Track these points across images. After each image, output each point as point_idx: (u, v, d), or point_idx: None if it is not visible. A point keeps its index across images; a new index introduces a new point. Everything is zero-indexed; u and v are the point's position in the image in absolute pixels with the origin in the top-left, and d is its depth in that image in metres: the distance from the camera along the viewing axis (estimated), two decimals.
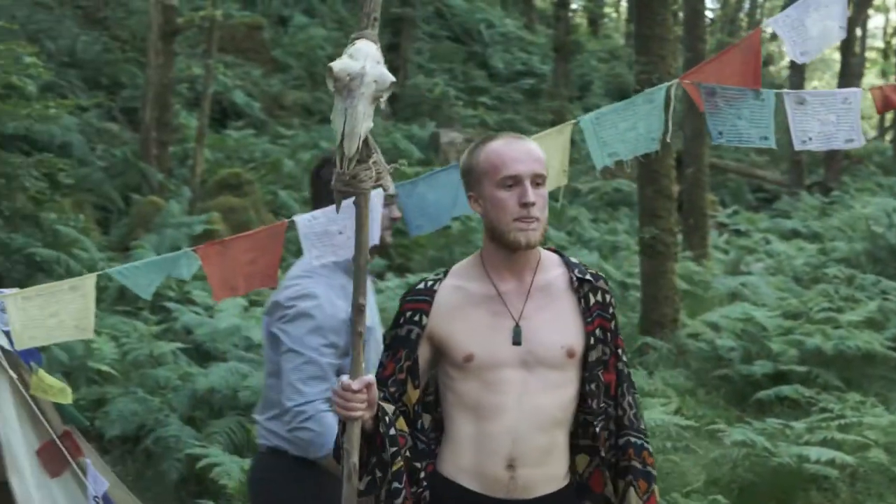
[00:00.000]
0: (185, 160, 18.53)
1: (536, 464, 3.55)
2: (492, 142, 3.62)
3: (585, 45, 37.12)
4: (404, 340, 3.61)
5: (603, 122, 4.77)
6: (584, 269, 3.75)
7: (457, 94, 29.03)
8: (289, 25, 27.96)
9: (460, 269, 3.73)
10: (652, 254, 11.70)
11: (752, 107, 4.77)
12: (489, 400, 3.55)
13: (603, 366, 3.67)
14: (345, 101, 3.26)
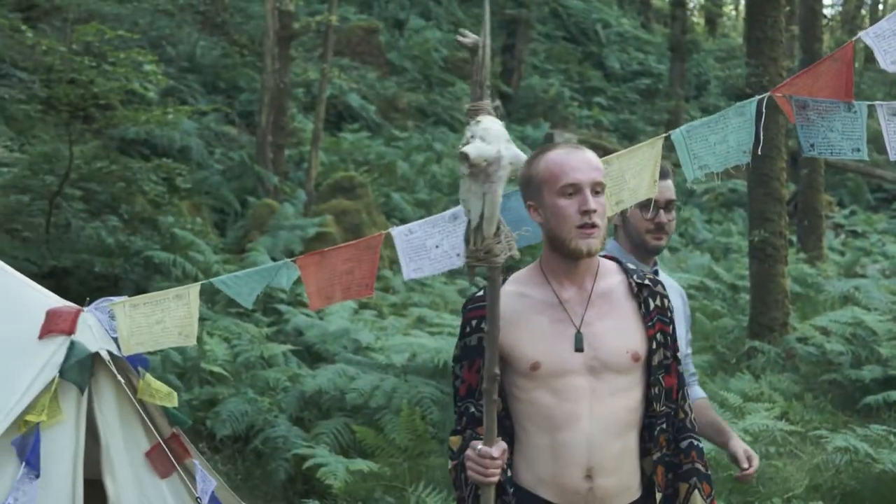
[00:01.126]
0: (300, 163, 18.81)
1: (612, 472, 3.58)
2: (551, 151, 3.66)
3: (702, 45, 36.84)
4: (478, 349, 3.60)
5: (694, 135, 4.81)
6: (643, 274, 3.80)
7: (572, 94, 29.06)
8: (405, 28, 28.19)
9: (520, 276, 3.73)
10: (762, 257, 11.65)
11: (844, 119, 4.78)
12: (561, 408, 3.56)
13: (665, 370, 3.71)
14: (483, 186, 3.26)
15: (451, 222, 4.78)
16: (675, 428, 3.76)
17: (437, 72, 26.04)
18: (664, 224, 4.52)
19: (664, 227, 4.51)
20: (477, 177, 3.24)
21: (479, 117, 3.33)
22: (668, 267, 15.67)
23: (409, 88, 25.01)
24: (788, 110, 4.81)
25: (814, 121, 4.80)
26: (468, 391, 3.64)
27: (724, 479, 7.69)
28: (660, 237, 4.51)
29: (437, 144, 21.80)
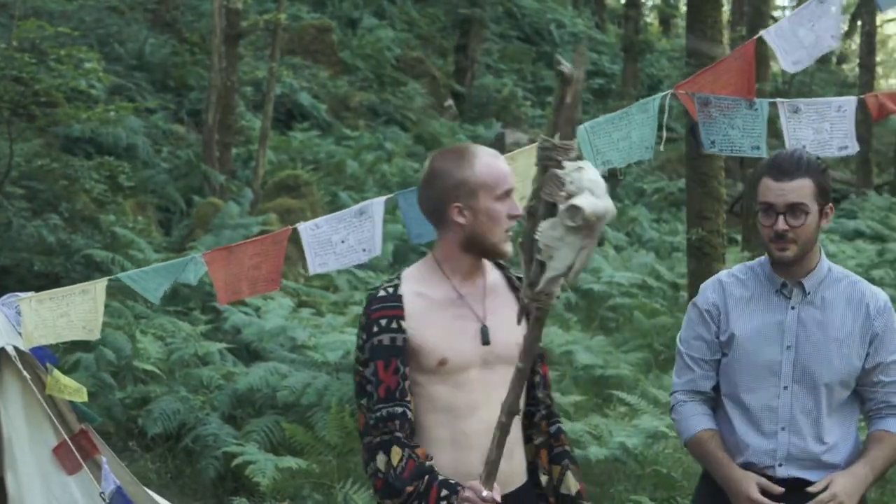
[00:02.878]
0: (248, 162, 18.77)
1: (507, 458, 3.60)
2: (482, 156, 3.72)
3: (656, 45, 36.99)
4: (392, 349, 3.63)
5: (597, 131, 4.87)
6: (510, 269, 3.93)
7: (525, 94, 29.12)
8: (358, 27, 28.16)
9: (415, 274, 3.79)
10: (699, 255, 11.69)
11: (745, 116, 4.85)
12: (462, 400, 3.66)
13: (540, 358, 3.88)
14: (583, 241, 3.15)
15: (356, 217, 4.83)
16: (550, 413, 3.90)
17: (390, 71, 26.02)
18: (784, 232, 3.99)
19: (784, 235, 3.99)
20: (580, 230, 3.13)
21: (580, 163, 3.19)
22: (612, 265, 15.76)
23: (361, 87, 24.99)
24: (691, 107, 4.88)
25: (716, 118, 4.86)
26: (388, 393, 3.62)
27: (650, 474, 7.77)
28: (783, 247, 4.03)
29: (387, 144, 21.81)
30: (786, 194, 3.97)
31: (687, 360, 4.26)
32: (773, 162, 4.06)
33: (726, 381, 4.19)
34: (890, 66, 54.14)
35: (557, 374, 9.66)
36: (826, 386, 4.03)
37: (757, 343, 4.08)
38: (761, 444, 4.08)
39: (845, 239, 19.53)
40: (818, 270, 4.11)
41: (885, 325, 4.06)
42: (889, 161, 29.65)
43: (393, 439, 3.58)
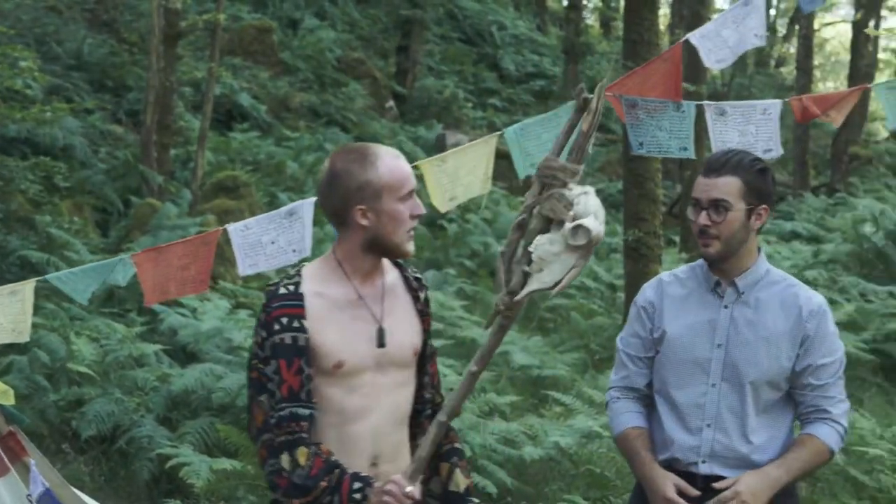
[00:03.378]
0: (187, 162, 18.68)
1: (393, 458, 3.70)
2: (383, 156, 3.69)
3: (596, 47, 37.15)
4: (295, 348, 3.60)
5: (527, 133, 4.90)
6: (411, 269, 3.95)
7: (466, 95, 29.14)
8: (299, 28, 28.09)
9: (315, 273, 3.75)
10: (636, 256, 11.77)
11: (673, 118, 4.90)
12: (353, 403, 3.66)
13: (430, 359, 3.93)
14: (577, 260, 3.28)
15: (286, 218, 4.83)
16: (435, 412, 3.89)
17: (331, 72, 25.97)
18: (707, 227, 4.07)
19: (706, 230, 4.07)
20: (579, 250, 3.26)
21: (586, 188, 3.31)
22: None
23: (302, 88, 24.92)
24: (619, 110, 4.92)
25: (643, 120, 4.91)
26: (291, 393, 3.60)
27: (584, 474, 7.82)
28: (706, 243, 4.10)
29: (328, 145, 21.72)
30: (709, 190, 4.05)
31: (623, 357, 4.32)
32: (707, 160, 4.16)
33: (658, 377, 4.24)
34: (827, 70, 54.73)
35: (493, 374, 9.70)
36: (752, 384, 4.07)
37: (688, 340, 4.15)
38: (686, 440, 4.12)
39: (782, 240, 19.72)
40: (753, 271, 4.16)
41: (817, 327, 4.10)
42: (825, 163, 29.95)
43: (298, 440, 3.57)
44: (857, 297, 12.51)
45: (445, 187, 4.77)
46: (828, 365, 4.10)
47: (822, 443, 4.09)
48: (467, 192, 4.82)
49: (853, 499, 7.46)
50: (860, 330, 11.27)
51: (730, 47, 4.90)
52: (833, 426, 4.11)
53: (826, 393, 4.11)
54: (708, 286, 4.20)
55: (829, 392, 4.11)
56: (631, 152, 5.01)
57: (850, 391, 9.85)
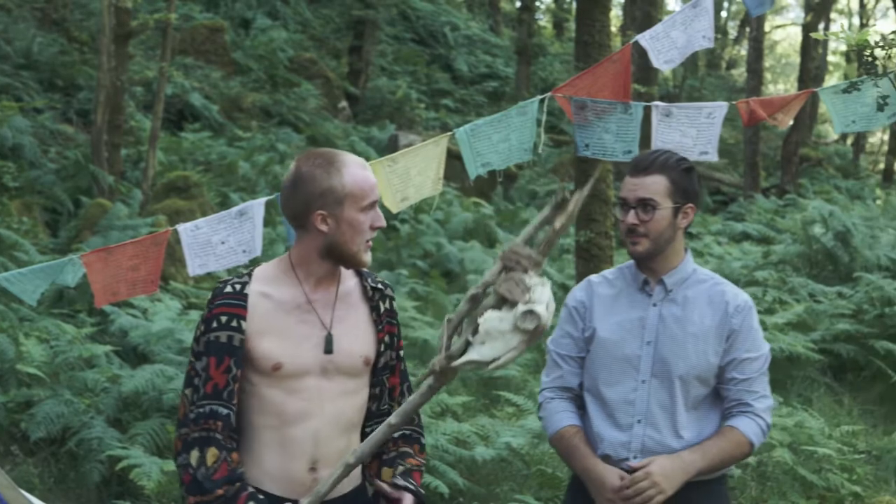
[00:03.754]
0: (138, 162, 18.57)
1: (335, 464, 3.65)
2: (350, 166, 3.67)
3: (549, 48, 37.28)
4: (228, 348, 3.61)
5: (477, 134, 4.92)
6: (375, 277, 3.92)
7: (419, 96, 29.16)
8: (251, 28, 28.01)
9: (267, 274, 3.75)
10: (587, 257, 11.83)
11: (620, 120, 4.94)
12: (294, 406, 3.65)
13: (390, 371, 3.89)
14: (520, 342, 3.32)
15: (237, 218, 4.83)
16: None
17: (283, 72, 25.90)
18: (635, 226, 4.14)
19: (635, 229, 4.14)
20: (524, 334, 3.30)
21: (544, 279, 3.37)
22: None
23: (254, 88, 24.84)
24: (569, 110, 4.95)
25: (591, 121, 4.94)
26: (215, 391, 3.60)
27: (535, 474, 7.84)
28: (634, 241, 4.17)
29: (280, 145, 21.67)
30: (637, 189, 4.13)
31: (555, 357, 4.34)
32: (633, 159, 4.23)
33: (588, 376, 4.27)
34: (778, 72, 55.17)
35: None
36: (681, 379, 4.12)
37: (618, 338, 4.19)
38: (617, 436, 4.15)
39: (733, 241, 19.87)
40: (681, 269, 4.22)
41: (742, 322, 4.16)
42: (776, 165, 30.20)
43: (211, 439, 3.57)
44: (807, 298, 12.61)
45: (397, 187, 4.78)
46: (752, 360, 4.16)
47: (742, 434, 4.13)
48: (419, 192, 4.83)
49: (802, 498, 7.54)
50: (809, 330, 11.36)
51: (678, 48, 4.94)
52: (755, 419, 4.16)
53: (749, 387, 4.16)
54: (636, 285, 4.25)
55: (753, 387, 4.16)
56: (576, 153, 5.03)
57: (799, 391, 10.04)
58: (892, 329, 11.27)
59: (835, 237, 14.30)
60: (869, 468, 8.35)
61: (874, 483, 8.22)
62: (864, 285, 12.41)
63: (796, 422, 8.21)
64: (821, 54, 37.69)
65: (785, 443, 7.88)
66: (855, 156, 36.91)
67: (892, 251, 14.28)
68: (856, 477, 7.91)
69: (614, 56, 5.00)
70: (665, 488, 3.99)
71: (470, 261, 16.24)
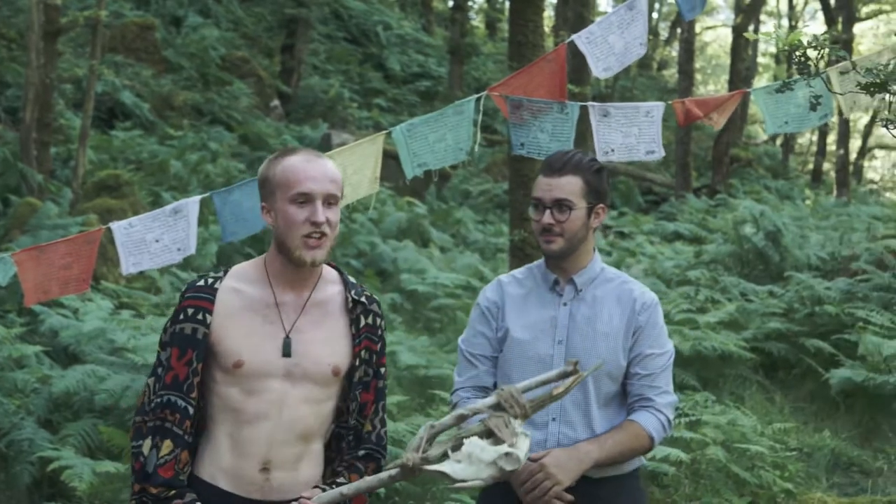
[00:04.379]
0: (68, 161, 18.39)
1: (290, 469, 3.65)
2: (290, 156, 3.64)
3: (482, 48, 37.35)
4: (191, 340, 3.60)
5: (414, 133, 4.91)
6: (361, 290, 3.84)
7: (351, 95, 29.11)
8: (182, 26, 27.82)
9: (242, 271, 3.74)
10: (521, 256, 11.83)
11: (556, 120, 4.94)
12: (251, 406, 3.61)
13: (363, 386, 3.79)
14: (488, 477, 3.46)
15: (171, 217, 4.78)
16: (359, 439, 3.83)
17: (215, 70, 25.76)
18: (550, 226, 4.12)
19: (551, 228, 4.12)
20: (497, 471, 3.46)
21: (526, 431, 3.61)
22: (436, 266, 15.87)
23: (185, 86, 24.69)
24: (505, 109, 4.95)
25: (527, 120, 4.94)
26: (174, 382, 3.60)
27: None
28: (549, 240, 4.15)
29: (212, 144, 21.56)
30: (552, 190, 4.12)
31: (469, 357, 4.32)
32: (547, 160, 4.24)
33: (502, 375, 4.26)
34: (709, 73, 55.65)
35: None
36: (593, 377, 4.11)
37: (530, 337, 4.18)
38: (532, 435, 4.15)
39: (665, 241, 20.00)
40: (590, 269, 4.24)
41: (648, 319, 4.19)
42: (707, 165, 30.45)
43: (167, 431, 3.58)
44: (738, 297, 12.70)
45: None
46: (656, 356, 4.19)
47: (642, 428, 4.14)
48: (355, 191, 4.80)
49: (735, 495, 7.58)
50: (741, 329, 11.45)
51: (616, 54, 4.96)
52: (655, 414, 4.17)
53: (652, 383, 4.18)
54: (547, 285, 4.25)
55: (655, 382, 4.19)
56: (511, 152, 5.02)
57: (732, 389, 10.12)
58: (822, 328, 11.38)
59: (766, 237, 14.43)
60: (800, 465, 8.42)
61: (806, 480, 8.30)
62: (795, 284, 12.53)
63: (729, 420, 8.26)
64: (751, 56, 38.07)
65: (718, 440, 7.92)
66: (784, 156, 37.35)
67: (822, 251, 14.44)
68: (788, 474, 7.97)
69: (549, 55, 5.00)
70: (560, 479, 3.98)
71: (403, 260, 16.23)
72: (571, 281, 4.20)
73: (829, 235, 16.56)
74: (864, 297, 11.85)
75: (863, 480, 8.56)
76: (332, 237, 3.64)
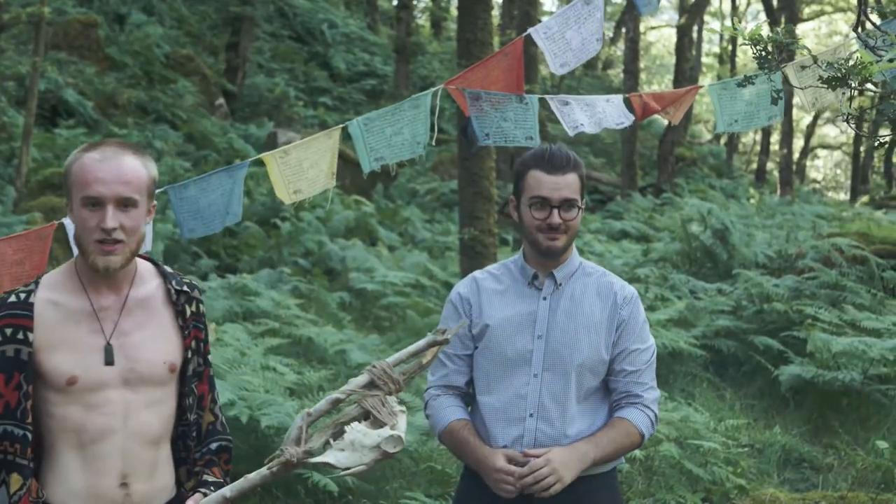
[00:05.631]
0: (11, 159, 18.19)
1: (147, 478, 3.49)
2: (89, 152, 3.38)
3: (427, 47, 37.33)
4: (16, 362, 3.33)
5: (371, 127, 4.86)
6: (181, 279, 3.67)
7: (297, 94, 29.02)
8: (126, 23, 27.58)
9: (53, 280, 3.47)
10: (471, 254, 11.88)
11: (517, 109, 4.91)
12: (94, 423, 3.39)
13: (198, 377, 3.65)
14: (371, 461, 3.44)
15: None
16: (206, 431, 3.71)
17: (159, 68, 25.53)
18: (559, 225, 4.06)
19: (559, 227, 4.06)
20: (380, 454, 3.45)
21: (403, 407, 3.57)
22: (385, 265, 15.82)
23: (130, 84, 24.45)
24: (462, 102, 4.91)
25: (487, 112, 4.91)
26: (7, 410, 3.33)
27: (424, 471, 7.80)
28: (554, 237, 4.08)
29: (157, 142, 21.38)
30: (561, 189, 4.06)
31: (441, 356, 4.27)
32: (545, 156, 4.12)
33: (480, 371, 4.22)
34: (653, 73, 55.99)
35: (332, 372, 9.59)
36: (574, 373, 4.09)
37: (509, 333, 4.15)
38: (509, 431, 4.11)
39: (612, 239, 20.04)
40: (569, 263, 4.21)
41: (630, 313, 4.17)
42: (652, 164, 30.61)
43: (12, 464, 3.33)
44: (687, 295, 12.74)
45: (289, 179, 4.69)
46: (641, 351, 4.17)
47: (633, 425, 4.13)
48: (312, 186, 4.74)
49: (688, 491, 7.58)
50: (690, 326, 11.47)
51: (573, 51, 4.93)
52: (644, 411, 4.16)
53: (638, 379, 4.16)
54: (525, 280, 4.22)
55: (642, 378, 4.17)
56: (476, 144, 4.98)
57: (682, 386, 10.14)
58: (771, 325, 11.43)
59: (713, 235, 14.48)
60: (752, 461, 8.45)
61: (758, 476, 8.32)
62: (743, 282, 12.58)
63: (682, 416, 8.27)
64: (694, 56, 38.26)
65: (671, 437, 7.92)
66: (728, 156, 37.63)
67: (769, 249, 14.51)
68: (740, 470, 7.98)
69: (507, 49, 4.97)
70: (563, 476, 3.97)
71: (352, 259, 16.16)
72: (551, 275, 4.18)
73: (775, 234, 16.67)
74: (811, 295, 11.92)
75: (813, 476, 8.58)
76: (132, 242, 3.39)
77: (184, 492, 3.63)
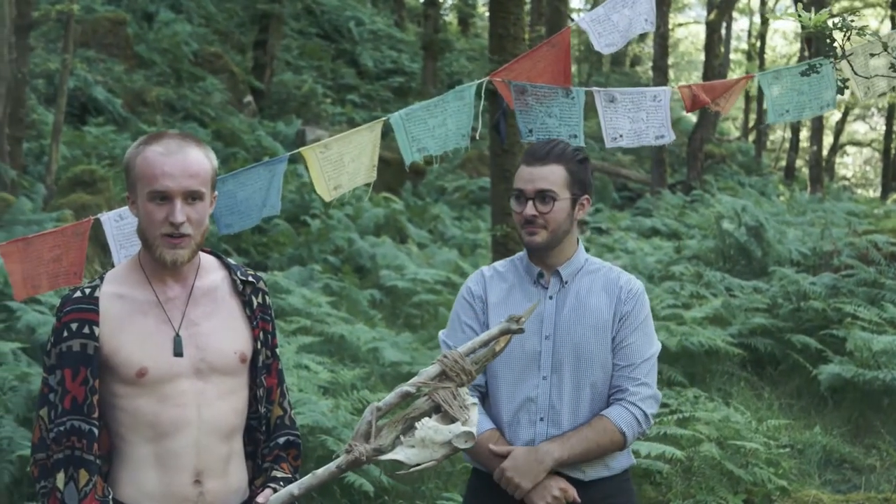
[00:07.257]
0: (41, 157, 18.20)
1: (221, 475, 3.45)
2: (152, 145, 3.37)
3: (455, 44, 37.27)
4: (83, 357, 3.31)
5: (412, 118, 4.77)
6: (245, 270, 3.64)
7: (325, 91, 28.97)
8: (154, 21, 27.59)
9: (117, 275, 3.48)
10: (503, 251, 11.75)
11: (562, 105, 4.82)
12: (167, 415, 3.37)
13: (267, 370, 3.61)
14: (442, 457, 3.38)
15: None
16: (274, 426, 3.66)
17: (187, 66, 25.52)
18: (533, 217, 4.00)
19: (534, 220, 4.00)
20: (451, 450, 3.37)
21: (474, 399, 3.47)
22: (415, 263, 15.77)
23: (158, 82, 24.44)
24: (508, 95, 4.82)
25: (532, 106, 4.82)
26: (74, 405, 3.30)
27: (461, 471, 7.72)
28: (532, 231, 4.02)
29: None
30: (535, 180, 4.00)
31: None
32: (529, 149, 4.09)
33: (489, 373, 4.11)
34: (681, 69, 55.80)
35: (365, 371, 9.54)
36: (583, 373, 4.00)
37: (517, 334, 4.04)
38: (519, 435, 4.02)
39: (642, 236, 19.94)
40: (574, 260, 4.12)
41: (632, 308, 4.07)
42: (681, 161, 30.44)
43: (79, 459, 3.28)
44: (723, 292, 12.64)
45: (329, 175, 4.61)
46: (636, 345, 4.05)
47: (611, 423, 3.98)
48: (352, 180, 4.66)
49: (730, 493, 7.48)
50: (726, 324, 11.38)
51: (619, 31, 4.83)
52: (627, 408, 4.01)
53: (630, 373, 4.03)
54: (531, 278, 4.12)
55: (634, 373, 4.03)
56: (520, 139, 4.88)
57: (720, 385, 10.02)
58: (808, 323, 11.32)
59: (748, 232, 14.36)
60: (793, 462, 8.33)
61: (799, 477, 8.21)
62: (779, 279, 12.47)
63: (722, 416, 8.16)
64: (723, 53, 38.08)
65: (712, 437, 7.82)
66: (757, 153, 37.42)
67: (803, 246, 14.38)
68: (782, 471, 7.87)
69: (553, 39, 4.87)
70: (519, 483, 3.90)
71: (382, 256, 16.10)
72: (556, 273, 4.08)
73: (808, 231, 16.54)
74: (849, 293, 11.80)
75: (855, 477, 8.48)
76: (198, 234, 3.39)
77: (254, 489, 3.58)
